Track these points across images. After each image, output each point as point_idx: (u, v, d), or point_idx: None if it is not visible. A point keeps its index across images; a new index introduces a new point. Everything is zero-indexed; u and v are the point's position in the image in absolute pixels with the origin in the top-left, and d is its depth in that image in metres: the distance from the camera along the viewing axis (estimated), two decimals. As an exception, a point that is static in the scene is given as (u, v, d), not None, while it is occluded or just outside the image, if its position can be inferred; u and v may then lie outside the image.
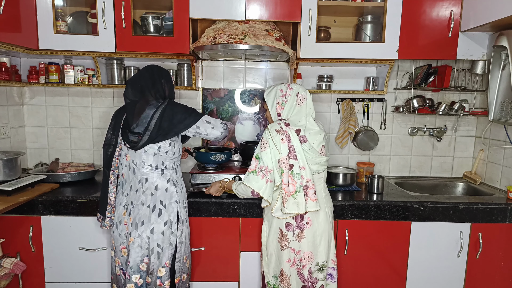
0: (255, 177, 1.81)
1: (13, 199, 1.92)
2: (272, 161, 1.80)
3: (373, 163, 2.74)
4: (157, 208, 1.81)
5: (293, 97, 1.86)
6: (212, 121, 1.91)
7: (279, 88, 1.90)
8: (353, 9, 2.39)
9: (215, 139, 1.96)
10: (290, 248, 1.85)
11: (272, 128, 1.82)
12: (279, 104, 1.88)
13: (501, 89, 2.18)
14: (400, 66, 2.69)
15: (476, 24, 2.13)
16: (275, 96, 1.89)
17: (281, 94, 1.88)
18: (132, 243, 1.80)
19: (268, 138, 1.82)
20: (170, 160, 1.87)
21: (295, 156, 1.79)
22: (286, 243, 1.85)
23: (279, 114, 1.89)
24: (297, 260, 1.86)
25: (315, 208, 1.80)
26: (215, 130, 1.90)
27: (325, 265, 1.89)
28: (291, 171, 1.79)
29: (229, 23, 2.27)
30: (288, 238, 1.84)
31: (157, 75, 1.87)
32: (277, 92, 1.89)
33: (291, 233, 1.84)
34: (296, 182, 1.78)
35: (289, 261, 1.86)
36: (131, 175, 1.86)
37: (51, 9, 2.18)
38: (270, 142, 1.81)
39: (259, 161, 1.81)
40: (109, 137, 1.91)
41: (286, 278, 1.87)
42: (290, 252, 1.85)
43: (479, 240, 2.14)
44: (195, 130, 1.86)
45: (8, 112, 2.50)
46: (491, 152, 2.57)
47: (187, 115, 1.83)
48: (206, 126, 1.88)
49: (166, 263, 1.83)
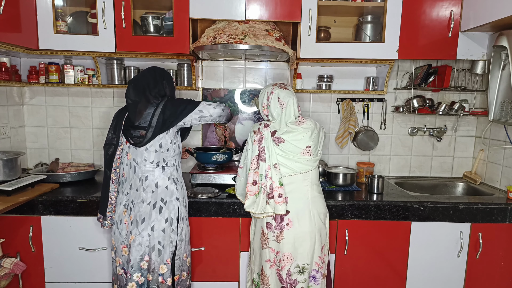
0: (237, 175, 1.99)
1: (13, 199, 1.92)
2: (247, 158, 1.90)
3: (373, 163, 2.74)
4: (157, 206, 1.82)
5: (274, 101, 1.90)
6: (212, 103, 1.97)
7: (266, 90, 1.95)
8: (353, 9, 2.39)
9: (220, 119, 1.99)
10: (270, 248, 1.87)
11: (252, 128, 1.92)
12: (264, 107, 1.95)
13: (501, 89, 2.18)
14: (400, 66, 2.69)
15: (476, 24, 2.13)
16: (263, 98, 1.96)
17: (266, 96, 1.94)
18: (133, 241, 1.80)
19: (249, 137, 1.92)
20: (171, 157, 1.88)
21: (264, 157, 1.83)
22: (266, 243, 1.88)
23: (266, 115, 1.95)
24: (276, 260, 1.88)
25: (281, 211, 1.80)
26: (216, 109, 1.95)
27: (306, 267, 1.85)
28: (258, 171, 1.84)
29: (229, 23, 2.27)
30: (268, 238, 1.87)
31: (159, 77, 1.90)
32: (264, 94, 1.95)
33: (271, 233, 1.86)
34: (259, 182, 1.83)
35: (268, 261, 1.89)
36: (132, 173, 1.86)
37: (51, 9, 2.18)
38: (249, 141, 1.91)
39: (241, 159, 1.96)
40: (110, 136, 1.92)
41: (265, 278, 1.90)
42: (270, 252, 1.88)
43: (479, 240, 2.14)
44: (199, 115, 1.89)
45: (8, 112, 2.50)
46: (491, 152, 2.57)
47: (187, 104, 1.88)
48: (208, 107, 1.92)
49: (167, 260, 1.84)
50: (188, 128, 2.06)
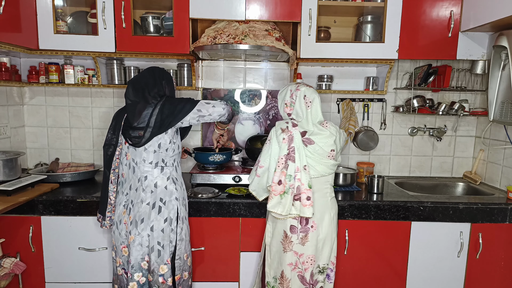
0: (253, 171, 1.93)
1: (13, 199, 1.92)
2: (270, 158, 1.84)
3: (373, 163, 2.74)
4: (157, 206, 1.82)
5: (300, 99, 1.86)
6: (211, 101, 1.91)
7: (289, 88, 1.92)
8: (353, 9, 2.39)
9: (221, 118, 1.92)
10: (293, 251, 1.84)
11: (279, 125, 1.86)
12: (287, 104, 1.90)
13: (501, 89, 2.18)
14: (400, 66, 2.69)
15: (476, 24, 2.13)
16: (285, 96, 1.92)
17: (289, 94, 1.89)
18: (133, 242, 1.80)
19: (273, 135, 1.85)
20: (170, 157, 1.88)
21: (293, 158, 1.79)
22: (289, 246, 1.84)
23: (288, 114, 1.91)
24: (299, 263, 1.85)
25: (309, 214, 1.78)
26: (216, 108, 1.88)
27: (326, 267, 1.89)
28: (286, 171, 1.79)
29: (229, 23, 2.26)
30: (292, 241, 1.83)
31: (158, 77, 1.89)
32: (287, 92, 1.91)
33: (295, 236, 1.83)
34: (287, 183, 1.78)
35: (291, 264, 1.85)
36: (131, 174, 1.86)
37: (51, 9, 2.18)
38: (273, 139, 1.84)
39: (260, 156, 1.90)
40: (110, 137, 1.92)
41: (286, 281, 1.86)
42: (292, 255, 1.84)
43: (479, 240, 2.14)
44: (197, 115, 1.85)
45: (8, 112, 2.50)
46: (491, 152, 2.57)
47: (185, 103, 1.85)
48: (207, 106, 1.87)
49: (167, 260, 1.83)
50: (188, 128, 2.05)
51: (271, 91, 2.71)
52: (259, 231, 2.14)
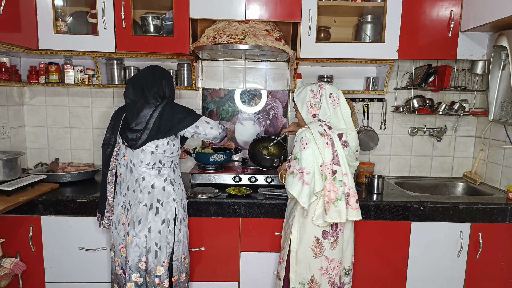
0: (293, 179, 1.73)
1: (13, 199, 1.92)
2: (314, 163, 1.72)
3: (373, 163, 2.74)
4: (154, 207, 1.81)
5: (326, 98, 1.80)
6: (211, 122, 1.92)
7: (309, 88, 1.85)
8: (353, 9, 2.39)
9: (213, 140, 1.95)
10: (324, 256, 1.79)
11: (315, 129, 1.75)
12: (312, 105, 1.82)
13: (501, 89, 2.18)
14: (400, 66, 2.69)
15: (476, 24, 2.13)
16: (305, 96, 1.84)
17: (312, 94, 1.82)
18: (130, 242, 1.80)
19: (311, 139, 1.73)
20: (168, 158, 1.87)
21: (338, 162, 1.73)
22: (320, 251, 1.79)
23: (314, 115, 1.83)
24: (329, 268, 1.80)
25: (357, 217, 1.75)
26: (213, 130, 1.90)
27: (350, 268, 1.88)
28: (333, 177, 1.72)
29: (229, 23, 2.26)
30: (323, 247, 1.78)
31: (158, 76, 1.87)
32: (307, 93, 1.84)
33: (327, 241, 1.78)
34: (338, 189, 1.72)
35: (321, 269, 1.80)
36: (129, 174, 1.86)
37: (51, 9, 2.18)
38: (313, 144, 1.73)
39: (297, 162, 1.73)
40: (108, 136, 1.92)
41: (316, 286, 1.82)
42: (323, 261, 1.79)
43: (479, 240, 2.14)
44: (194, 130, 1.86)
45: (8, 112, 2.50)
46: (491, 152, 2.57)
47: (186, 115, 1.84)
48: (205, 126, 1.88)
49: (164, 262, 1.83)
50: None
51: (271, 91, 2.71)
52: (259, 231, 2.14)
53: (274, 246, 2.16)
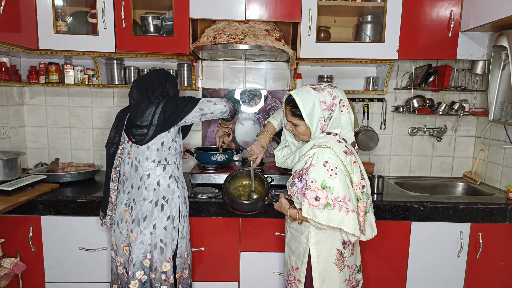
0: (332, 211, 1.50)
1: (13, 199, 1.92)
2: (348, 187, 1.55)
3: (373, 163, 2.74)
4: (159, 203, 1.83)
5: (337, 107, 1.60)
6: (213, 99, 1.93)
7: (318, 99, 1.57)
8: (353, 9, 2.39)
9: (224, 115, 1.95)
10: (346, 266, 1.70)
11: (339, 149, 1.55)
12: (325, 119, 1.59)
13: (501, 89, 2.18)
14: (400, 66, 2.69)
15: (476, 24, 2.13)
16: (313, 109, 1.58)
17: (324, 107, 1.58)
18: (134, 240, 1.81)
19: (338, 162, 1.53)
20: (173, 155, 1.90)
21: (363, 176, 1.65)
22: (343, 262, 1.68)
23: (323, 131, 1.62)
24: (350, 275, 1.74)
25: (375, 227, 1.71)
26: (218, 105, 1.91)
27: (361, 264, 1.86)
28: (362, 192, 1.62)
29: (229, 23, 2.26)
30: (345, 257, 1.69)
31: (163, 79, 1.93)
32: (315, 105, 1.57)
33: (347, 250, 1.70)
34: (366, 202, 1.65)
35: (346, 280, 1.71)
36: (133, 172, 1.87)
37: (51, 9, 2.18)
38: (342, 167, 1.54)
39: (329, 191, 1.51)
40: (112, 135, 1.93)
41: None
42: (346, 271, 1.71)
43: (479, 240, 2.14)
44: (199, 113, 1.88)
45: (8, 112, 2.50)
46: (491, 152, 2.57)
47: (187, 102, 1.87)
48: (208, 105, 1.90)
49: (170, 258, 1.85)
50: (189, 126, 2.08)
51: (271, 91, 2.71)
52: (259, 231, 2.14)
53: (274, 246, 2.16)
